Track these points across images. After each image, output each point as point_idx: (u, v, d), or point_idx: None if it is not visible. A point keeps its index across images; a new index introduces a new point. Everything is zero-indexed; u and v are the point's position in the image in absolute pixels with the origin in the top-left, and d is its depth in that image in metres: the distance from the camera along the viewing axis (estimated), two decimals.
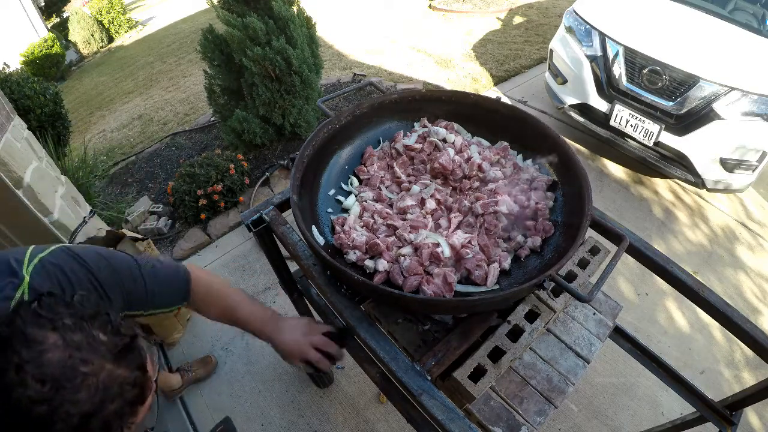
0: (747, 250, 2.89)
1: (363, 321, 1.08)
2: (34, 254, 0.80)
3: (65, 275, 0.80)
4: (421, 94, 1.46)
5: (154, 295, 0.96)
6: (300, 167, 1.19)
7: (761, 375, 2.01)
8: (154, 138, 4.33)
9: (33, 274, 0.77)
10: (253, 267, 2.79)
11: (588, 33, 3.14)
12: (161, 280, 0.98)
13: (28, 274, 0.76)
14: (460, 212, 1.24)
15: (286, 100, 3.22)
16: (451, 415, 0.91)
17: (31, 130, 2.18)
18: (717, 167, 2.78)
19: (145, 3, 12.30)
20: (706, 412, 1.37)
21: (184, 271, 1.04)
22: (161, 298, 0.98)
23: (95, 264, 0.86)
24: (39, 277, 0.77)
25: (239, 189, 3.19)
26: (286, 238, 1.26)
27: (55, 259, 0.81)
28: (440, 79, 4.64)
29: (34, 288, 0.75)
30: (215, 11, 3.06)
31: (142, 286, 0.93)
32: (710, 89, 2.63)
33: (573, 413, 2.04)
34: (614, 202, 3.16)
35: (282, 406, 2.10)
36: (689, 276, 1.20)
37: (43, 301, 0.63)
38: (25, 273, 0.76)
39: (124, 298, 0.90)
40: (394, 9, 6.48)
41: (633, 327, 2.36)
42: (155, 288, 0.96)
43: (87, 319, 0.64)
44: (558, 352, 1.13)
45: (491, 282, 1.10)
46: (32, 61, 7.40)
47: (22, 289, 0.75)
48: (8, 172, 1.74)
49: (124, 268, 0.91)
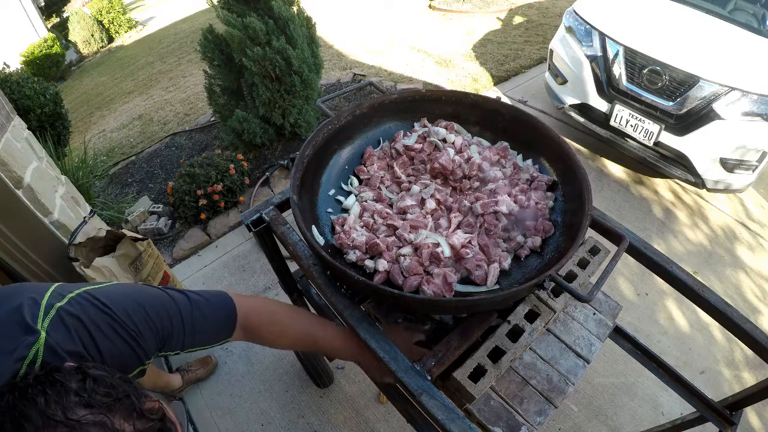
0: (747, 250, 2.89)
1: (363, 321, 1.08)
2: (51, 302, 0.71)
3: (86, 329, 0.72)
4: (421, 94, 1.46)
5: (194, 334, 0.87)
6: (300, 167, 1.19)
7: (761, 375, 2.01)
8: (154, 138, 4.33)
9: (49, 329, 0.68)
10: (253, 267, 2.79)
11: (588, 33, 3.14)
12: (203, 317, 0.89)
13: (44, 329, 0.68)
14: (460, 212, 1.24)
15: (286, 100, 3.22)
16: (451, 415, 0.90)
17: (31, 130, 2.18)
18: (717, 167, 2.78)
19: (145, 3, 12.29)
20: (706, 412, 1.37)
21: (228, 304, 0.94)
22: (202, 335, 0.90)
23: (121, 309, 0.77)
24: (56, 332, 0.68)
25: (239, 189, 3.20)
26: (286, 238, 1.26)
27: (75, 309, 0.73)
28: (440, 79, 4.64)
29: (51, 348, 0.66)
30: (215, 11, 3.07)
31: (180, 326, 0.85)
32: (710, 89, 2.63)
33: (573, 413, 2.04)
34: (614, 202, 3.16)
35: (282, 406, 2.10)
36: (689, 276, 1.20)
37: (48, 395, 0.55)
38: (41, 328, 0.68)
39: (157, 341, 0.82)
40: (394, 9, 6.48)
41: (633, 327, 2.36)
42: (196, 326, 0.87)
43: (106, 410, 0.56)
44: (558, 352, 1.13)
45: (491, 282, 1.10)
46: (32, 61, 7.39)
47: (36, 347, 0.66)
48: (8, 172, 1.74)
49: (158, 307, 0.83)
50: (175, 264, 2.90)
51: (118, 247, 1.91)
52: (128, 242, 1.93)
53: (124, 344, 0.75)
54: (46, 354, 0.66)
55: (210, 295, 0.93)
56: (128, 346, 0.76)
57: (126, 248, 1.92)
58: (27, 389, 0.56)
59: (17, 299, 0.70)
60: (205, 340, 0.91)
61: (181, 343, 0.86)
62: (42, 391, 0.55)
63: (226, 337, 0.95)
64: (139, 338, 0.77)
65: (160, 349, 0.84)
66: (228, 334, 0.95)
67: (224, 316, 0.93)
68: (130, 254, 1.93)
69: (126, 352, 0.76)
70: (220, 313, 0.93)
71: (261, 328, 1.01)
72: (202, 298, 0.91)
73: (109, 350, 0.73)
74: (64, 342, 0.68)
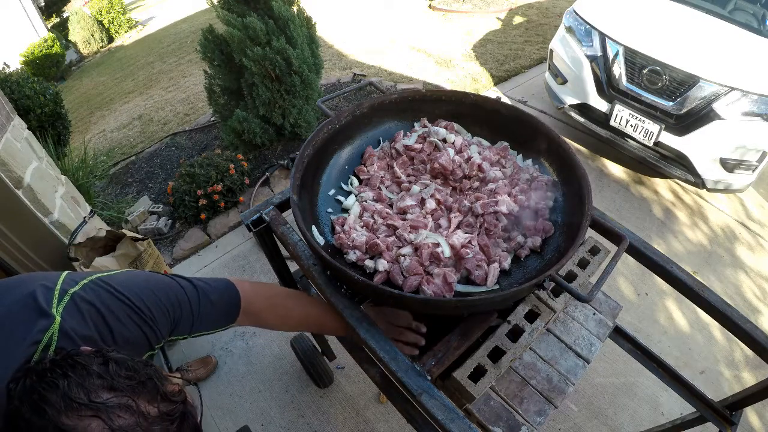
0: (747, 250, 2.89)
1: (363, 321, 1.08)
2: (65, 287, 0.71)
3: (100, 315, 0.71)
4: (421, 94, 1.46)
5: (201, 319, 0.89)
6: (300, 167, 1.19)
7: (761, 375, 2.01)
8: (154, 138, 4.33)
9: (64, 314, 0.67)
10: (253, 267, 2.79)
11: (588, 33, 3.14)
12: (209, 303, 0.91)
13: (59, 314, 0.67)
14: (460, 212, 1.24)
15: (286, 100, 3.22)
16: (451, 415, 0.90)
17: (31, 130, 2.18)
18: (717, 167, 2.78)
19: (145, 3, 12.29)
20: (706, 412, 1.37)
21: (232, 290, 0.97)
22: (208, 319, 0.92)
23: (135, 295, 0.78)
24: (71, 317, 0.68)
25: (239, 189, 3.20)
26: (286, 238, 1.26)
27: (89, 295, 0.73)
28: (440, 79, 4.64)
29: (65, 331, 0.66)
30: (215, 11, 3.07)
31: (188, 311, 0.86)
32: (710, 89, 2.63)
33: (573, 413, 2.04)
34: (614, 202, 3.16)
35: (282, 406, 2.10)
36: (689, 276, 1.20)
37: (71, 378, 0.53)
38: (56, 313, 0.67)
39: (170, 325, 0.83)
40: (394, 9, 6.48)
41: (633, 327, 2.36)
42: (203, 311, 0.89)
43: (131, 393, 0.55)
44: (558, 352, 1.13)
45: (491, 282, 1.10)
46: (32, 61, 7.39)
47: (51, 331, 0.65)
48: (8, 172, 1.74)
49: (169, 293, 0.84)
50: (175, 264, 2.90)
51: (118, 247, 1.91)
52: (128, 242, 1.93)
53: (137, 329, 0.76)
54: (60, 339, 0.65)
55: (215, 282, 0.95)
56: (141, 331, 0.76)
57: (126, 248, 1.92)
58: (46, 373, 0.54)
59: (29, 286, 0.69)
60: (210, 324, 0.94)
61: (189, 327, 0.88)
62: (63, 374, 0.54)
63: (231, 322, 0.97)
64: (152, 323, 0.78)
65: (171, 333, 0.85)
66: (232, 319, 0.97)
67: (229, 302, 0.96)
68: (130, 254, 1.93)
69: (139, 337, 0.77)
70: (224, 299, 0.95)
71: (264, 312, 1.03)
72: (208, 285, 0.93)
73: (122, 335, 0.73)
74: (79, 327, 0.68)
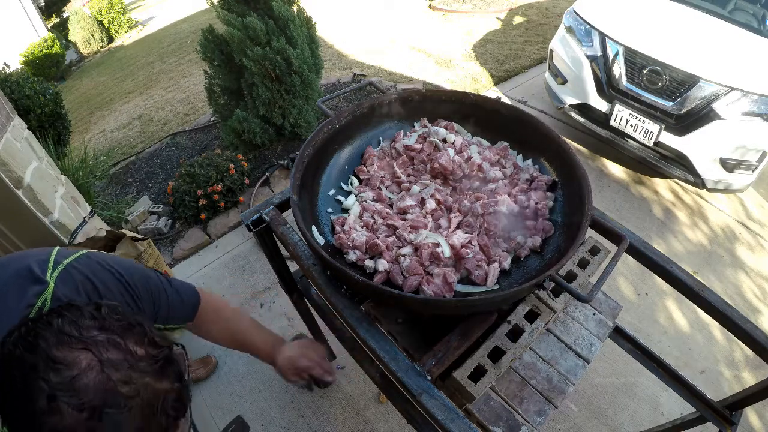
0: (747, 250, 2.89)
1: (363, 321, 1.08)
2: (58, 259, 0.74)
3: (92, 283, 0.74)
4: (421, 94, 1.46)
5: (174, 310, 0.93)
6: (300, 167, 1.19)
7: (761, 375, 2.01)
8: (154, 138, 4.33)
9: (58, 281, 0.71)
10: (253, 267, 2.79)
11: (588, 33, 3.14)
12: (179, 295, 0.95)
13: (53, 280, 0.70)
14: (460, 212, 1.24)
15: (286, 100, 3.23)
16: (451, 415, 0.90)
17: (31, 130, 2.18)
18: (717, 167, 2.78)
19: (145, 3, 12.29)
20: (706, 412, 1.37)
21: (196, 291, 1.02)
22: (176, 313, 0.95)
23: (126, 270, 0.81)
24: (64, 285, 0.71)
25: (239, 189, 3.20)
26: (286, 238, 1.26)
27: (81, 266, 0.76)
28: (440, 79, 4.64)
29: (58, 297, 0.69)
30: (215, 11, 3.07)
31: (165, 299, 0.90)
32: (710, 89, 2.63)
33: (573, 413, 2.04)
34: (614, 202, 3.16)
35: (282, 406, 2.10)
36: (689, 276, 1.20)
37: (65, 316, 0.57)
38: (50, 279, 0.70)
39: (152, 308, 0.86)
40: (394, 9, 6.48)
41: (633, 327, 2.36)
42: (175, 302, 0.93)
43: (120, 333, 0.58)
44: (558, 352, 1.13)
45: (491, 282, 1.10)
46: (32, 61, 7.39)
47: (44, 296, 0.68)
48: (8, 172, 1.74)
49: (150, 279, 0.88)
50: (175, 264, 2.90)
51: (118, 247, 1.91)
52: (128, 242, 1.93)
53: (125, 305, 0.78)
54: (53, 305, 0.68)
55: (182, 284, 1.00)
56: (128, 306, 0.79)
57: (126, 248, 1.92)
58: (42, 316, 0.57)
59: (24, 261, 0.72)
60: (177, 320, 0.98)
61: (165, 317, 0.92)
62: (58, 314, 0.57)
63: (188, 320, 1.02)
64: (138, 300, 0.82)
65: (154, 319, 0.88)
66: (189, 317, 1.02)
67: (193, 303, 1.01)
68: (130, 254, 1.93)
69: None
70: (191, 300, 1.01)
71: (210, 321, 1.07)
72: (178, 284, 0.98)
73: None
74: (71, 295, 0.71)
